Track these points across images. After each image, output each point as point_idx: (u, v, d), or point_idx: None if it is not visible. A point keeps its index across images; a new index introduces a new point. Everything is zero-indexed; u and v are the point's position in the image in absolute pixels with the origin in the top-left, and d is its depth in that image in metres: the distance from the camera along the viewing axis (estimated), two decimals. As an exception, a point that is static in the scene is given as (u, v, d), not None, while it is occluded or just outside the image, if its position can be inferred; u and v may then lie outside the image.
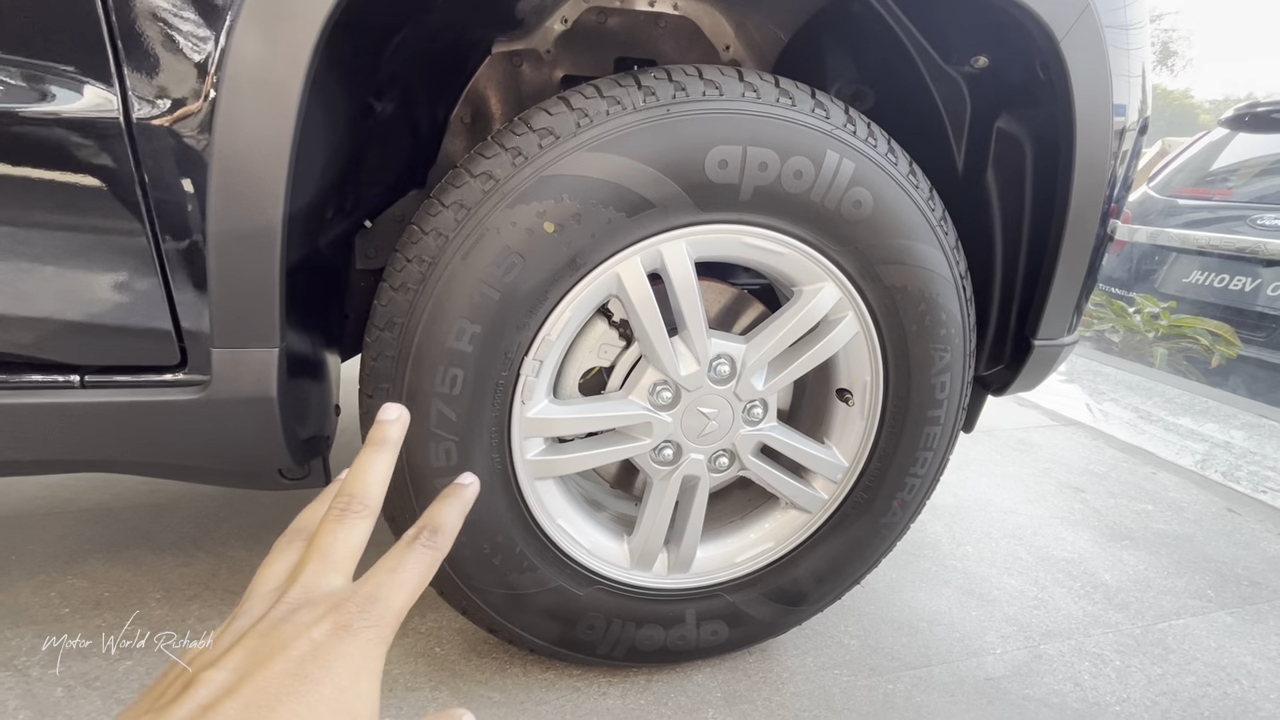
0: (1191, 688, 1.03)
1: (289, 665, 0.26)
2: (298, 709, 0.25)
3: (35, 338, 0.63)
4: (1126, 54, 0.83)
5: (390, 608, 0.29)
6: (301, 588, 0.30)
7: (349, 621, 0.28)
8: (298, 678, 0.26)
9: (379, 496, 0.34)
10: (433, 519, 0.33)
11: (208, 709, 0.25)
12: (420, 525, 0.33)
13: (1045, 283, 0.91)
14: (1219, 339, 3.22)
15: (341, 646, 0.27)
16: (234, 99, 0.57)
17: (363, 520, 0.33)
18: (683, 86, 0.70)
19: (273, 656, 0.26)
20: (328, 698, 0.26)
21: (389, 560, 0.31)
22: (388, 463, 0.35)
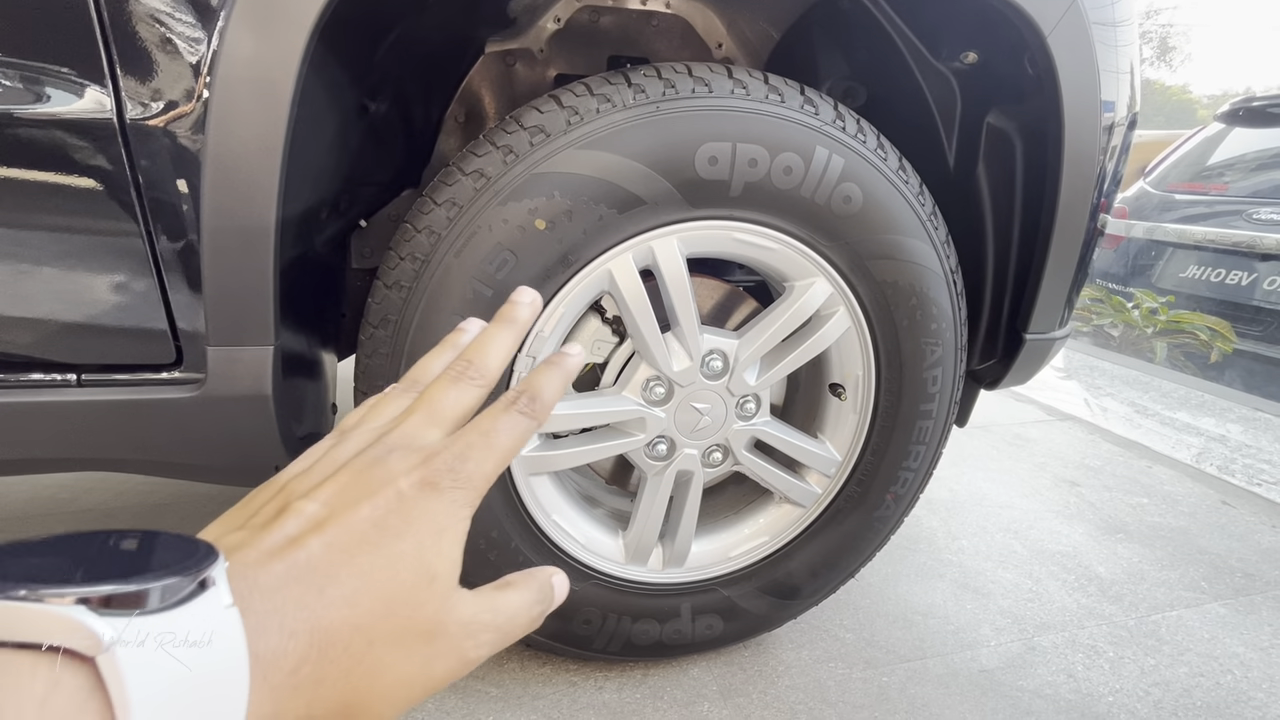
0: (1184, 678, 1.04)
1: (375, 513, 0.26)
2: (376, 560, 0.25)
3: (32, 337, 0.64)
4: (1115, 50, 0.83)
5: (480, 470, 0.28)
6: (402, 433, 0.29)
7: (437, 480, 0.27)
8: (380, 528, 0.26)
9: (497, 370, 0.33)
10: (533, 385, 0.32)
11: (294, 540, 0.25)
12: (519, 389, 0.31)
13: (1036, 277, 0.92)
14: (1216, 334, 3.23)
15: (426, 504, 0.27)
16: (226, 99, 0.57)
17: (476, 388, 0.32)
18: (672, 84, 0.70)
19: (360, 501, 0.26)
20: (406, 553, 0.26)
21: (484, 421, 0.30)
22: (512, 340, 0.34)
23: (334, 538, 0.25)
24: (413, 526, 0.26)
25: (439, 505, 0.27)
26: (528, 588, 0.30)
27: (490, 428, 0.30)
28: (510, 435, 0.30)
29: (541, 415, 0.31)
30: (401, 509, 0.26)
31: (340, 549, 0.25)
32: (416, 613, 0.26)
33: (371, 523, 0.26)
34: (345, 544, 0.25)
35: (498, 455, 0.29)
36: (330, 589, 0.24)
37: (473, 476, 0.28)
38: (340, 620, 0.24)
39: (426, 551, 0.26)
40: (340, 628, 0.24)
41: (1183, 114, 27.42)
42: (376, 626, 0.24)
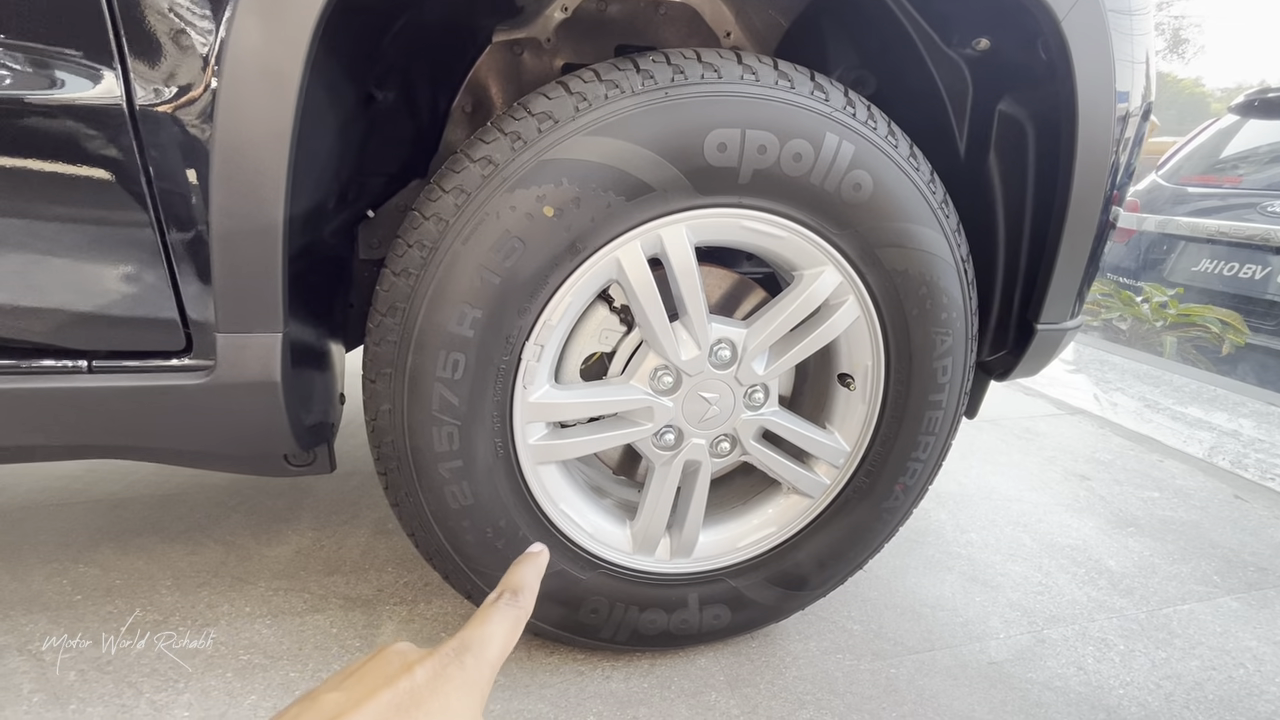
0: (1196, 671, 1.03)
1: (396, 694, 0.29)
2: None
3: (44, 324, 0.64)
4: (1130, 39, 0.82)
5: (483, 657, 0.32)
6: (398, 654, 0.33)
7: (445, 665, 0.31)
8: (401, 710, 0.29)
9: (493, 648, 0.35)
10: (512, 581, 0.36)
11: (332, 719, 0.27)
12: (501, 588, 0.36)
13: (1048, 267, 0.91)
14: (1228, 327, 3.19)
15: (441, 683, 0.30)
16: (235, 87, 0.57)
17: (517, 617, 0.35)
18: (681, 70, 0.70)
19: (380, 687, 0.29)
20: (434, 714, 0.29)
21: (476, 619, 0.34)
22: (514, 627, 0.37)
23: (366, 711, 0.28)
24: (435, 698, 0.29)
25: (451, 684, 0.30)
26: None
27: (483, 620, 0.34)
28: (502, 625, 0.34)
29: (526, 605, 0.36)
30: (419, 689, 0.29)
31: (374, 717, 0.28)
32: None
33: (392, 705, 0.29)
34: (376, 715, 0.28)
35: (497, 643, 0.33)
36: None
37: (478, 661, 0.31)
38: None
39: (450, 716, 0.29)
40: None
41: (1195, 107, 27.08)
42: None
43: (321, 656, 0.95)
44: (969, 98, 0.94)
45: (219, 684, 0.90)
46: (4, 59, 0.55)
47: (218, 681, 0.90)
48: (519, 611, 0.35)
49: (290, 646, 0.97)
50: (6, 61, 0.55)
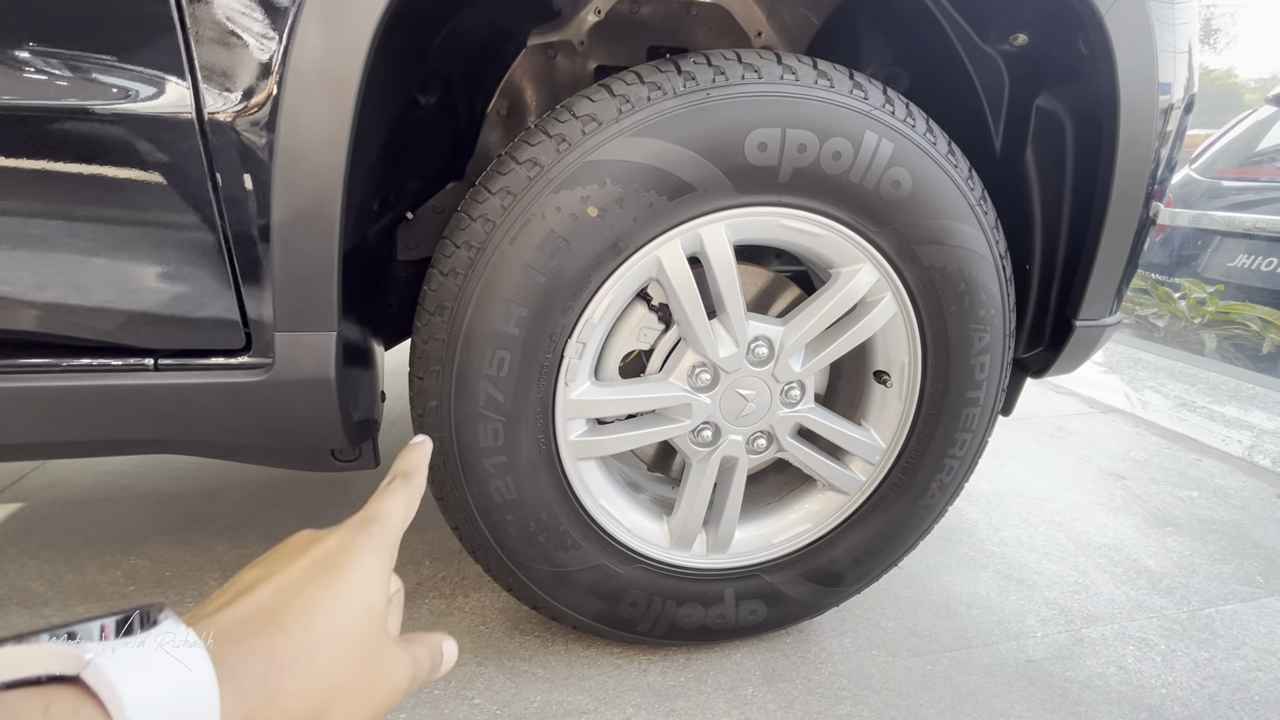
0: (1241, 672, 1.01)
1: (307, 563, 0.30)
2: (321, 592, 0.29)
3: (113, 324, 0.67)
4: (1172, 29, 0.81)
5: (388, 526, 0.34)
6: None
7: (354, 534, 0.33)
8: (319, 568, 0.30)
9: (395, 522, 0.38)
10: (401, 467, 0.39)
11: (242, 593, 0.28)
12: (393, 472, 0.39)
13: (1087, 263, 0.90)
14: (1270, 325, 3.11)
15: (351, 551, 0.32)
16: (296, 94, 0.59)
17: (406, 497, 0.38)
18: (722, 70, 0.71)
19: (292, 558, 0.31)
20: (347, 583, 0.30)
21: (374, 499, 0.36)
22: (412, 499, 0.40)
23: (279, 582, 0.29)
24: (346, 567, 0.31)
25: (361, 551, 0.32)
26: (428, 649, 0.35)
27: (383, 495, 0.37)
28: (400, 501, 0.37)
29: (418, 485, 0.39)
30: (329, 559, 0.31)
31: (287, 589, 0.29)
32: (361, 636, 0.30)
33: (311, 566, 0.30)
34: (291, 584, 0.29)
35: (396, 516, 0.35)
36: (283, 617, 0.28)
37: (386, 527, 0.34)
38: (297, 640, 0.27)
39: (363, 585, 0.31)
40: (297, 646, 0.27)
41: (1229, 98, 26.37)
42: (330, 646, 0.28)
43: (366, 647, 0.97)
44: (1006, 93, 0.93)
45: (269, 672, 0.92)
46: (85, 71, 0.57)
47: (267, 670, 0.93)
48: (411, 490, 0.38)
49: (335, 637, 0.99)
50: (89, 74, 0.57)
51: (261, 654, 0.26)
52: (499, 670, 0.95)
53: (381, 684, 0.31)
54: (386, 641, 0.31)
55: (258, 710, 0.25)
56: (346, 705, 0.29)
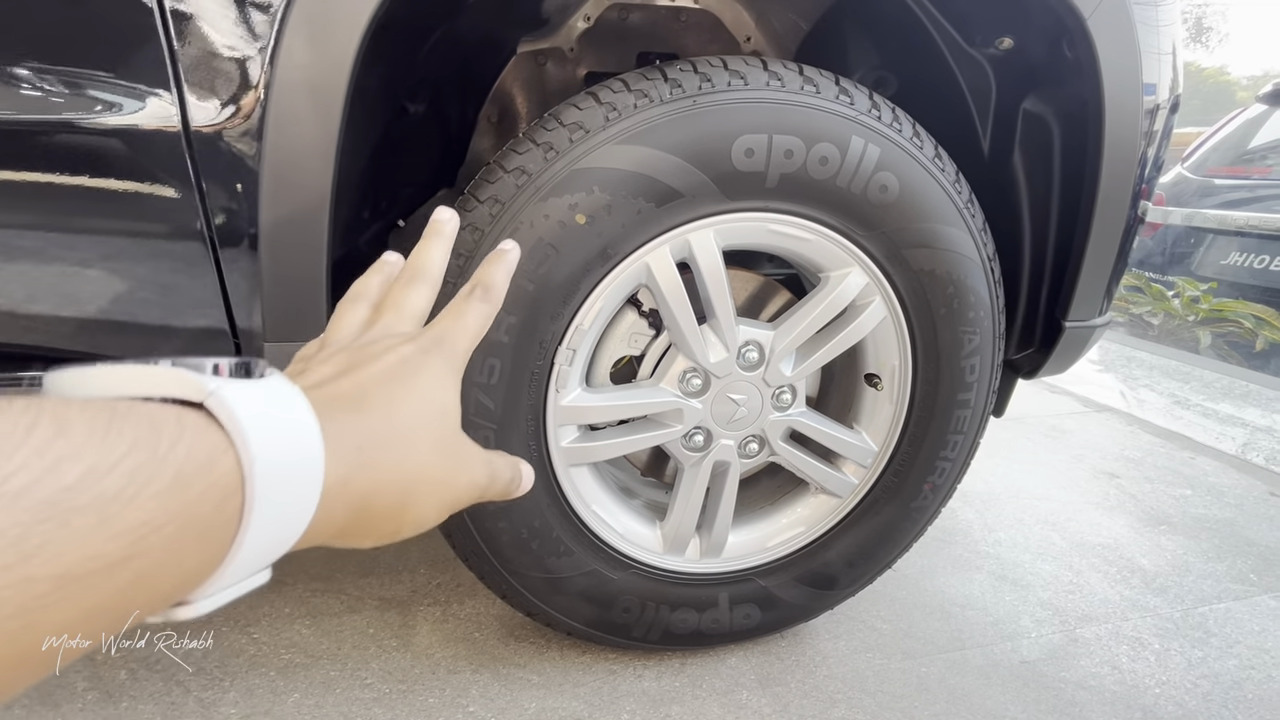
0: (1234, 671, 1.01)
1: (384, 366, 0.31)
2: (398, 389, 0.30)
3: (99, 337, 0.67)
4: (1156, 30, 0.82)
5: (457, 346, 0.34)
6: (381, 327, 0.35)
7: (428, 348, 0.33)
8: (392, 374, 0.30)
9: (440, 272, 0.39)
10: (483, 277, 0.38)
11: (321, 382, 0.29)
12: (473, 283, 0.37)
13: (1076, 264, 0.90)
14: (1263, 322, 3.13)
15: (423, 361, 0.32)
16: (283, 105, 0.60)
17: (429, 287, 0.38)
18: (708, 78, 0.71)
19: (367, 362, 0.31)
20: (420, 388, 0.31)
21: (451, 309, 0.36)
22: (445, 248, 0.40)
23: (358, 378, 0.30)
24: (418, 375, 0.31)
25: (433, 364, 0.32)
26: (509, 461, 0.37)
27: (458, 313, 0.36)
28: (475, 317, 0.36)
29: (496, 300, 0.38)
30: (404, 366, 0.31)
31: (367, 384, 0.30)
32: (439, 430, 0.31)
33: (383, 371, 0.30)
34: (370, 380, 0.30)
35: (470, 334, 0.35)
36: (367, 405, 0.29)
37: (454, 349, 0.34)
38: (382, 425, 0.28)
39: (434, 391, 0.31)
40: (383, 429, 0.28)
41: (1221, 96, 26.49)
42: (411, 434, 0.29)
43: (360, 656, 0.97)
44: (993, 97, 0.94)
45: (263, 682, 0.92)
46: (70, 85, 0.57)
47: (261, 680, 0.93)
48: (489, 306, 0.37)
49: (329, 646, 0.99)
50: (73, 87, 0.58)
51: (352, 429, 0.27)
52: (494, 677, 0.94)
53: (461, 474, 0.32)
54: (464, 440, 0.33)
55: (353, 474, 0.26)
56: (428, 488, 0.30)
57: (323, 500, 0.24)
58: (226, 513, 0.21)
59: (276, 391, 0.24)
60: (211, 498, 0.21)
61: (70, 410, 0.18)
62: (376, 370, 0.30)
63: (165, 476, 0.19)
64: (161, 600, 0.21)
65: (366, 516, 0.28)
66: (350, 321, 0.36)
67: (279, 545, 0.24)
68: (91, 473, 0.18)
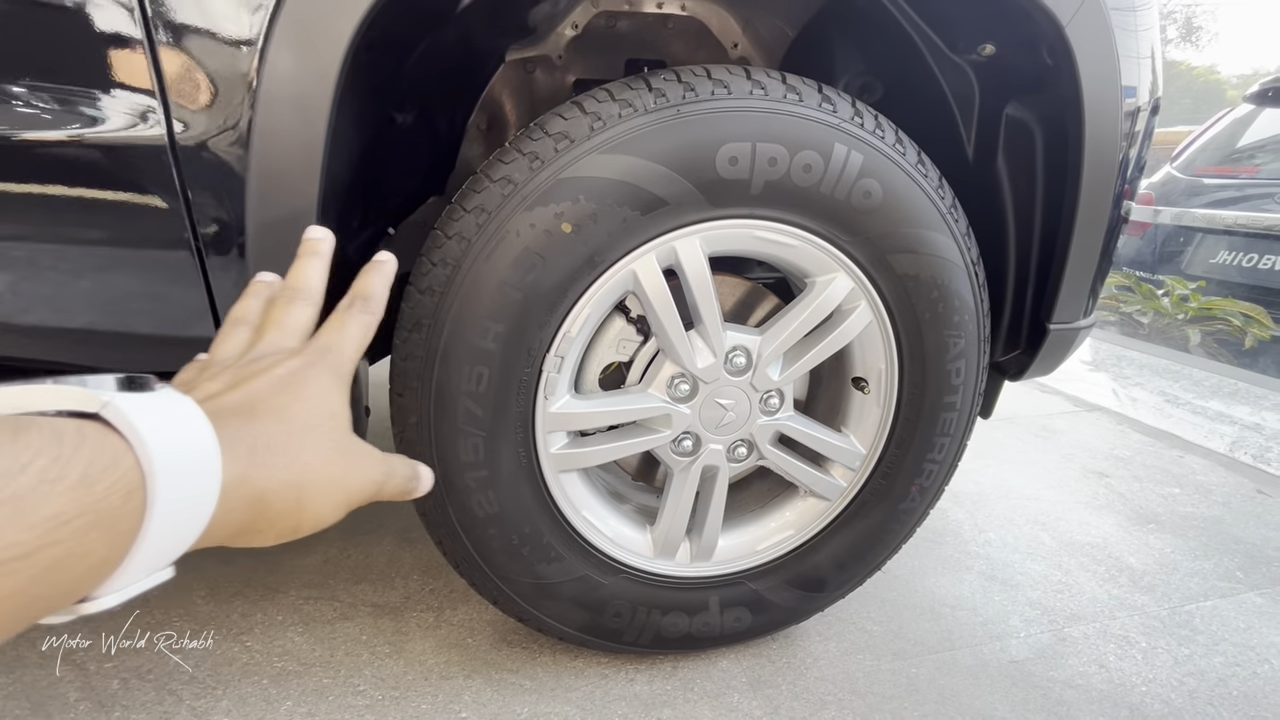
0: (1220, 668, 1.03)
1: (271, 378, 0.33)
2: (285, 399, 0.32)
3: (88, 348, 0.67)
4: (1134, 35, 0.83)
5: (342, 355, 0.36)
6: (266, 344, 0.37)
7: (311, 361, 0.35)
8: (280, 384, 0.33)
9: (319, 289, 0.40)
10: (362, 289, 0.40)
11: (212, 396, 0.31)
12: (352, 295, 0.39)
13: (1059, 267, 0.91)
14: (1251, 320, 3.15)
15: (310, 374, 0.34)
16: (268, 117, 0.60)
17: (310, 305, 0.39)
18: (692, 87, 0.72)
19: (255, 376, 0.33)
20: (307, 397, 0.33)
21: (333, 322, 0.38)
22: (321, 266, 0.42)
23: (245, 390, 0.32)
24: (308, 385, 0.33)
25: (319, 373, 0.34)
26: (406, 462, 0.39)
27: (340, 324, 0.38)
28: (357, 328, 0.38)
29: (377, 310, 0.39)
30: (292, 377, 0.33)
31: (255, 395, 0.32)
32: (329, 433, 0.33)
33: (273, 382, 0.33)
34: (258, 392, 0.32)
35: (354, 343, 0.37)
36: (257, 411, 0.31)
37: (340, 359, 0.36)
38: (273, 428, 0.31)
39: (322, 397, 0.34)
40: (275, 432, 0.30)
41: (1211, 95, 26.66)
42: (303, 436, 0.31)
43: (353, 663, 0.98)
44: (976, 102, 0.95)
45: (255, 690, 0.92)
46: (54, 99, 0.58)
47: (254, 688, 0.93)
48: (370, 317, 0.39)
49: (322, 654, 0.99)
50: (58, 101, 0.58)
51: (245, 432, 0.29)
52: (486, 683, 0.95)
53: (354, 473, 0.34)
54: (356, 443, 0.35)
55: (249, 473, 0.28)
56: (323, 486, 0.32)
57: (221, 498, 0.26)
58: (130, 507, 0.23)
59: (168, 400, 0.26)
60: (116, 493, 0.22)
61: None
62: (264, 382, 0.32)
63: (73, 475, 0.21)
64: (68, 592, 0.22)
65: (265, 514, 0.29)
66: (234, 343, 0.38)
67: (181, 540, 0.25)
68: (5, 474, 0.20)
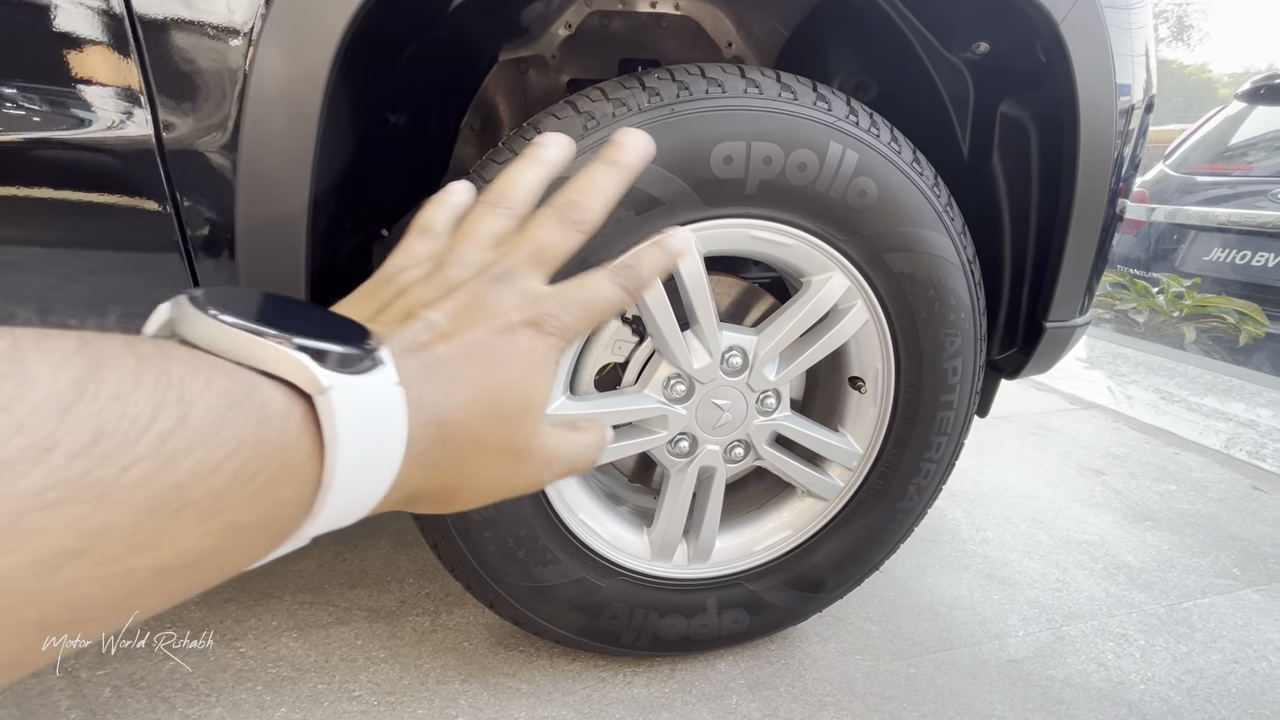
0: (1218, 665, 1.02)
1: (490, 336, 0.29)
2: (488, 379, 0.28)
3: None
4: (1129, 33, 0.83)
5: (575, 326, 0.31)
6: (510, 269, 0.31)
7: (542, 322, 0.30)
8: (493, 352, 0.28)
9: (600, 219, 0.33)
10: (638, 261, 0.33)
11: (424, 345, 0.28)
12: (624, 263, 0.33)
13: (1055, 265, 0.91)
14: (1246, 317, 3.17)
15: (530, 340, 0.29)
16: (258, 119, 0.59)
17: (579, 234, 0.33)
18: (686, 86, 0.71)
19: (477, 324, 0.29)
20: (511, 380, 0.29)
21: (588, 283, 0.32)
22: (539, 176, 0.35)
23: (456, 351, 0.28)
24: (518, 357, 0.29)
25: (540, 345, 0.30)
26: (592, 432, 0.34)
27: (594, 292, 0.32)
28: (607, 303, 0.32)
29: (636, 292, 0.33)
30: (512, 340, 0.29)
31: (461, 361, 0.28)
32: (514, 432, 0.29)
33: (487, 345, 0.28)
34: (465, 357, 0.28)
35: (591, 317, 0.32)
36: (454, 394, 0.27)
37: (569, 328, 0.31)
38: (459, 423, 0.27)
39: (526, 382, 0.29)
40: (458, 429, 0.27)
41: (1203, 93, 26.81)
42: (484, 436, 0.28)
43: (348, 668, 0.97)
44: (970, 100, 0.95)
45: (249, 697, 0.92)
46: (41, 100, 0.57)
47: (248, 695, 0.92)
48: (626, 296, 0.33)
49: (317, 659, 0.98)
50: (45, 102, 0.57)
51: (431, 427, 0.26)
52: (483, 687, 0.94)
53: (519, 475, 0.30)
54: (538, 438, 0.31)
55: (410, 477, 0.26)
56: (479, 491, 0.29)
57: None
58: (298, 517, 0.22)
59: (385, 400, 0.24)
60: (290, 503, 0.21)
61: (192, 392, 0.19)
62: (478, 342, 0.28)
63: (260, 480, 0.20)
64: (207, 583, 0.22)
65: (406, 505, 0.28)
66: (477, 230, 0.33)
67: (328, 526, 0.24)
68: (199, 468, 0.18)
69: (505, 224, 0.33)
